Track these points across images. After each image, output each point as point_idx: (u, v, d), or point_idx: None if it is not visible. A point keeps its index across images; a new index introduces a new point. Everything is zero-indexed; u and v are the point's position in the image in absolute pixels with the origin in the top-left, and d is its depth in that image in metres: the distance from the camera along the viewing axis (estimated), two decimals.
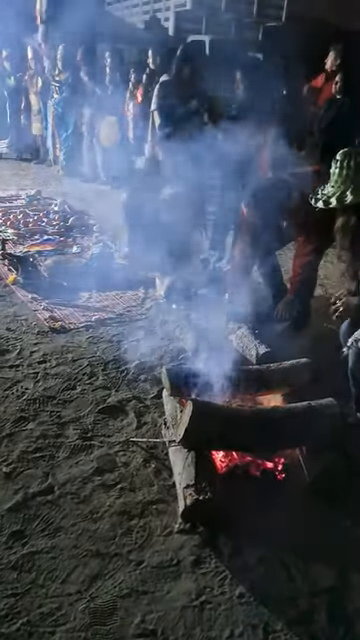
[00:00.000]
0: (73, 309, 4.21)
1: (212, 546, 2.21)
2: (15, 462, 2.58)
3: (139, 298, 4.48)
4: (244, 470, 2.59)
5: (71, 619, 1.89)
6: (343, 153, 2.77)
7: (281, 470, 2.60)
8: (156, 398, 3.11)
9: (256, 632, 1.91)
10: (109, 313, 4.18)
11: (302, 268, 3.85)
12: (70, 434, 2.80)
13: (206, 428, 2.44)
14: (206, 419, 2.44)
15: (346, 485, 2.51)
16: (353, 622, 1.98)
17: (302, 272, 3.86)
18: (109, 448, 2.72)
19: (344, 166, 2.74)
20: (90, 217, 6.57)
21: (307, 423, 2.54)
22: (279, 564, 2.16)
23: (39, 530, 2.23)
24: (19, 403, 3.01)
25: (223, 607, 1.98)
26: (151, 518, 2.33)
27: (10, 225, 6.10)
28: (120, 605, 1.95)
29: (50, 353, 3.53)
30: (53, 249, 5.46)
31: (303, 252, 3.83)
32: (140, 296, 4.52)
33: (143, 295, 4.53)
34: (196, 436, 2.45)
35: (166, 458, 2.64)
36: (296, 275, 3.89)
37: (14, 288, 4.50)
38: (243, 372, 2.96)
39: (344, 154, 2.77)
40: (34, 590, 1.98)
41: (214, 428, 2.46)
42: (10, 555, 2.10)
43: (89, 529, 2.25)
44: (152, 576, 2.07)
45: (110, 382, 3.26)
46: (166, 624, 1.90)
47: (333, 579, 2.13)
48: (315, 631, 1.94)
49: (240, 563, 2.16)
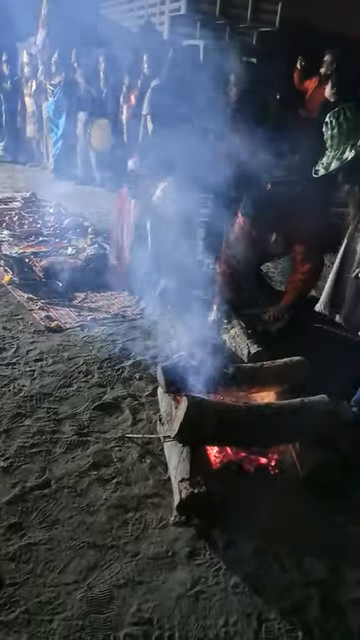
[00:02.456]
0: (69, 309, 4.25)
1: (207, 538, 2.25)
2: (12, 457, 2.61)
3: (134, 298, 4.52)
4: (238, 465, 2.63)
5: (68, 608, 1.92)
6: (332, 113, 2.72)
7: (275, 465, 2.65)
8: (151, 396, 3.15)
9: (250, 621, 1.95)
10: (104, 313, 4.22)
11: (299, 283, 3.90)
12: (66, 430, 2.83)
13: (200, 424, 2.48)
14: (200, 415, 2.48)
15: (339, 480, 2.55)
16: (346, 612, 2.02)
17: (298, 288, 3.92)
18: (105, 444, 2.76)
19: (335, 125, 2.69)
20: (85, 219, 6.61)
21: (300, 419, 2.59)
22: (273, 556, 2.21)
23: (37, 522, 2.26)
24: (16, 400, 3.04)
25: (218, 597, 2.03)
26: (147, 511, 2.37)
27: (6, 227, 6.13)
28: (117, 594, 1.99)
29: (46, 351, 3.56)
30: (48, 250, 5.49)
31: (301, 270, 3.87)
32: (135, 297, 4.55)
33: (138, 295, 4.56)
34: (191, 431, 2.49)
35: (161, 454, 2.68)
36: (293, 290, 3.94)
37: (10, 288, 4.53)
38: (237, 369, 3.01)
39: (333, 113, 2.71)
40: (32, 580, 2.02)
41: (208, 424, 2.49)
42: (8, 546, 2.14)
43: (86, 522, 2.29)
44: (148, 567, 2.11)
45: (106, 380, 3.30)
46: (162, 613, 1.94)
47: (326, 571, 2.17)
48: (308, 620, 1.98)
49: (234, 555, 2.20)
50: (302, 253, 3.83)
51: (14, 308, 4.20)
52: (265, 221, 3.73)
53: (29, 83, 9.51)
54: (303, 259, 3.84)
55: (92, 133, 8.40)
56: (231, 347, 3.58)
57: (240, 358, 3.45)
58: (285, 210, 3.70)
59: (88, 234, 6.04)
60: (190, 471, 2.37)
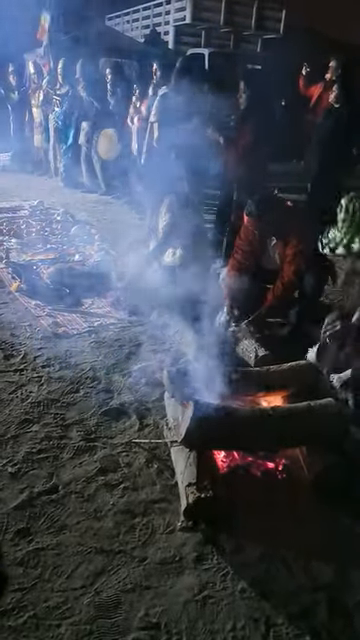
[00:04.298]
0: (76, 315, 4.27)
1: (214, 543, 2.25)
2: (20, 462, 2.62)
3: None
4: (245, 470, 2.63)
5: (76, 612, 1.93)
6: (349, 198, 2.74)
7: (282, 470, 2.64)
8: (158, 401, 3.15)
9: (258, 625, 1.95)
10: (111, 318, 4.24)
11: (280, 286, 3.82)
12: (74, 436, 2.84)
13: (207, 428, 2.48)
14: (207, 419, 2.48)
15: (346, 484, 2.54)
16: (353, 616, 2.01)
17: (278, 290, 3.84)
18: (112, 449, 2.77)
19: (348, 211, 2.70)
20: (92, 226, 6.64)
21: (307, 423, 2.59)
22: (280, 561, 2.21)
23: (44, 528, 2.27)
24: (24, 406, 3.06)
25: (225, 602, 2.02)
26: (154, 516, 2.37)
27: (14, 235, 6.17)
28: (124, 599, 1.99)
29: (53, 357, 3.58)
30: (55, 257, 5.52)
31: (287, 272, 3.81)
32: None
33: None
34: (197, 436, 2.49)
35: (168, 459, 2.68)
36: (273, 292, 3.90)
37: (17, 295, 4.56)
38: (243, 374, 3.01)
39: (350, 199, 2.73)
40: (40, 585, 2.02)
41: (215, 428, 2.50)
42: (16, 552, 2.15)
43: (93, 527, 2.29)
44: (155, 572, 2.11)
45: (112, 385, 3.31)
46: (169, 617, 1.94)
47: (333, 575, 2.17)
48: (316, 625, 1.97)
49: (242, 560, 2.20)
50: (292, 255, 3.78)
51: (22, 315, 4.22)
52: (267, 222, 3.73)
53: (36, 94, 9.60)
54: (291, 261, 3.79)
55: (99, 143, 8.45)
56: (238, 351, 3.58)
57: (247, 362, 3.46)
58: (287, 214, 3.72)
59: (95, 241, 6.08)
60: (197, 476, 2.37)
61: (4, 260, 5.24)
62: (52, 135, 9.44)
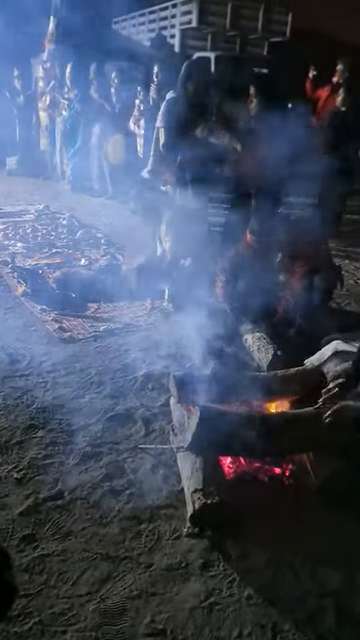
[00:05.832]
0: (82, 320, 4.27)
1: (220, 549, 2.24)
2: (26, 468, 2.62)
3: (146, 308, 4.54)
4: (252, 476, 2.62)
5: (82, 619, 1.92)
6: None
7: (288, 476, 2.63)
8: (164, 406, 3.15)
9: (265, 632, 1.94)
10: (117, 323, 4.24)
11: None
12: (79, 441, 2.84)
13: (213, 434, 2.48)
14: (213, 425, 2.48)
15: (353, 489, 2.53)
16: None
17: None
18: (118, 455, 2.76)
19: None
20: (98, 230, 6.65)
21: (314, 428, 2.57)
22: (287, 567, 2.19)
23: (50, 534, 2.27)
24: (29, 411, 3.06)
25: (232, 608, 2.01)
26: (160, 522, 2.36)
27: (19, 239, 6.19)
28: (130, 606, 1.98)
29: (59, 363, 3.58)
30: (61, 262, 5.53)
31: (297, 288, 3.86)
32: (147, 306, 4.57)
33: (150, 305, 4.58)
34: (203, 442, 2.49)
35: (174, 464, 2.67)
36: None
37: (23, 300, 4.57)
38: (250, 379, 3.00)
39: None
40: (45, 591, 2.02)
41: (221, 434, 2.49)
42: (22, 558, 2.14)
43: (99, 533, 2.29)
44: (161, 578, 2.10)
45: (118, 391, 3.31)
46: (175, 624, 1.93)
47: (340, 580, 2.15)
48: (323, 631, 1.96)
49: (248, 566, 2.18)
50: (301, 272, 3.82)
51: (27, 319, 4.23)
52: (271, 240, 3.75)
53: (43, 97, 9.64)
54: (300, 278, 3.83)
55: (108, 147, 8.48)
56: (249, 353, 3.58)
57: (253, 366, 3.45)
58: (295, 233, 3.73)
59: (101, 245, 6.09)
60: (203, 482, 2.36)
61: (10, 264, 5.26)
62: (58, 139, 9.48)
